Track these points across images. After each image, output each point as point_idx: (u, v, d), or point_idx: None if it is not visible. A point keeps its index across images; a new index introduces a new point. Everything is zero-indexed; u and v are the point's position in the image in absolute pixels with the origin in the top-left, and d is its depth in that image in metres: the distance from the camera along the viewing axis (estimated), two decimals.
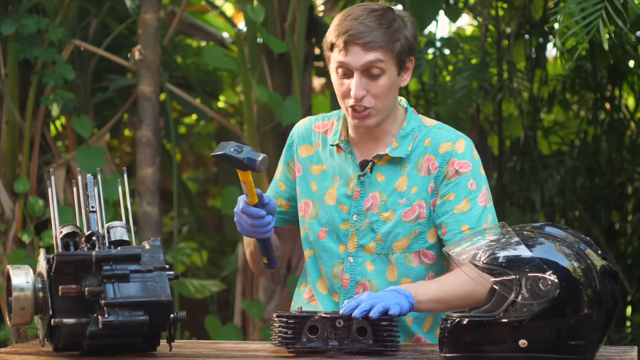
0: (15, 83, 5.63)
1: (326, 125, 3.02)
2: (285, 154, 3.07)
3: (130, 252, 2.55)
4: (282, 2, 5.88)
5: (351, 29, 2.81)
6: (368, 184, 2.93)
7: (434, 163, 2.92)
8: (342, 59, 2.84)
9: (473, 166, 2.92)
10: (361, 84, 2.83)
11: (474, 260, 2.49)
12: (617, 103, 6.31)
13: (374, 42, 2.81)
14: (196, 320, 6.97)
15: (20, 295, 2.58)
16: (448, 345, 2.50)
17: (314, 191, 2.99)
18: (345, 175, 2.96)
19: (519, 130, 6.16)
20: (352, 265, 2.94)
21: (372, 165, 2.93)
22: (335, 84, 2.90)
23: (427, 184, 2.91)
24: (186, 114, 7.50)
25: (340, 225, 2.95)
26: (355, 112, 2.87)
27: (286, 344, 2.65)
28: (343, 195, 2.95)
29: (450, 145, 2.92)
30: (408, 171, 2.92)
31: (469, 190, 2.89)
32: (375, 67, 2.83)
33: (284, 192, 3.07)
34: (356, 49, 2.82)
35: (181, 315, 2.61)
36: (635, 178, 6.34)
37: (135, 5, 6.09)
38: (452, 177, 2.90)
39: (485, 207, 2.90)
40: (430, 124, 2.98)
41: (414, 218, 2.90)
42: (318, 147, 3.01)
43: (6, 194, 5.64)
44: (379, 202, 2.92)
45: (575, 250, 2.48)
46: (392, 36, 2.83)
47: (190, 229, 7.30)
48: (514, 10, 6.01)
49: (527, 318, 2.42)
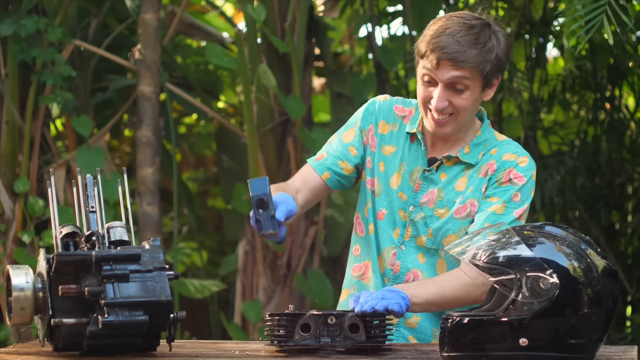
0: (15, 83, 5.64)
1: (405, 111, 3.05)
2: (362, 120, 3.07)
3: (130, 252, 2.55)
4: (282, 2, 5.88)
5: (446, 46, 2.84)
6: (430, 180, 2.98)
7: (493, 167, 2.96)
8: (430, 70, 2.88)
9: (527, 183, 2.95)
10: (444, 95, 2.88)
11: (474, 260, 2.49)
12: (617, 103, 6.31)
13: (465, 62, 2.84)
14: (196, 320, 6.97)
15: (20, 296, 2.57)
16: (449, 344, 2.50)
17: (381, 171, 3.03)
18: (411, 165, 3.00)
19: (519, 130, 6.16)
20: (404, 253, 2.99)
21: (439, 164, 2.98)
22: (418, 86, 2.94)
23: (482, 185, 2.96)
24: (186, 114, 7.50)
25: (398, 211, 2.99)
26: (433, 118, 2.92)
27: (279, 342, 2.66)
28: (405, 183, 3.00)
29: (515, 157, 2.97)
30: (470, 174, 2.97)
31: (512, 200, 2.93)
32: (461, 83, 2.87)
33: (354, 158, 3.06)
34: (446, 65, 2.85)
35: (181, 315, 2.61)
36: (635, 178, 6.34)
37: (135, 5, 6.09)
38: (503, 183, 2.94)
39: (516, 220, 2.94)
40: (502, 138, 3.04)
41: (465, 215, 2.95)
42: (394, 129, 3.05)
43: (6, 194, 5.65)
44: (436, 198, 2.97)
45: (576, 250, 2.48)
46: (485, 57, 2.86)
47: (190, 229, 7.30)
48: (514, 10, 6.01)
49: (528, 317, 2.42)
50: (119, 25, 6.12)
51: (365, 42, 6.56)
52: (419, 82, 2.93)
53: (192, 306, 6.80)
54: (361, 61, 6.91)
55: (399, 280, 2.98)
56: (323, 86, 7.57)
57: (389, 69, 6.01)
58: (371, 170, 3.04)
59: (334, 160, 3.05)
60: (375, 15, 6.15)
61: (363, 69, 6.84)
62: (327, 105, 7.09)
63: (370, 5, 6.11)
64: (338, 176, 3.05)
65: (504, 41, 2.91)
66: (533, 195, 2.99)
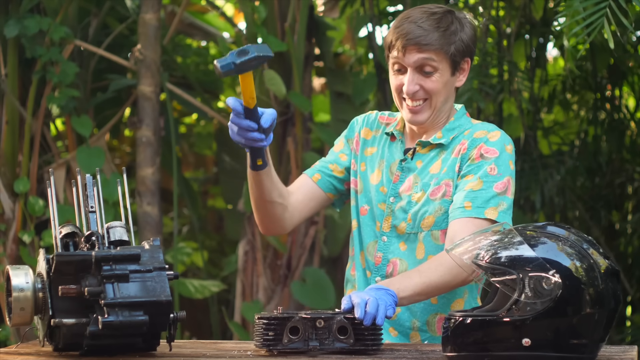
0: (16, 83, 5.64)
1: (390, 120, 3.17)
2: (349, 131, 3.19)
3: (129, 252, 2.55)
4: (282, 2, 5.88)
5: (409, 32, 2.95)
6: (407, 169, 3.05)
7: (465, 145, 3.00)
8: (398, 59, 2.98)
9: (500, 155, 2.97)
10: (414, 79, 2.97)
11: (476, 260, 2.49)
12: (617, 103, 6.31)
13: (429, 45, 2.94)
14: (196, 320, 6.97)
15: (20, 296, 2.57)
16: (451, 344, 2.50)
17: (362, 170, 3.12)
18: (390, 160, 3.09)
19: (519, 130, 6.16)
20: (386, 244, 3.03)
21: (413, 151, 3.06)
22: (391, 80, 3.04)
23: (455, 164, 2.99)
24: (186, 114, 7.50)
25: (378, 205, 3.05)
26: (408, 107, 3.00)
27: (267, 346, 2.66)
28: (385, 178, 3.07)
29: (485, 133, 3.01)
30: (444, 157, 3.02)
31: (487, 173, 2.94)
32: (428, 65, 2.96)
33: (343, 162, 3.16)
34: (412, 50, 2.95)
35: (181, 315, 2.61)
36: (635, 178, 6.34)
37: (135, 5, 6.09)
38: (475, 160, 2.97)
39: (499, 194, 2.93)
40: (476, 122, 3.09)
41: (440, 195, 2.98)
42: (377, 134, 3.16)
43: (6, 194, 5.65)
44: (412, 184, 3.02)
45: (578, 250, 2.48)
46: (448, 39, 2.96)
47: (191, 228, 7.30)
48: (514, 10, 6.01)
49: (530, 317, 2.42)
50: (119, 25, 6.12)
51: (366, 42, 6.56)
52: (391, 73, 3.04)
53: (192, 306, 6.80)
54: (361, 61, 6.91)
55: (380, 271, 3.02)
56: (323, 86, 7.57)
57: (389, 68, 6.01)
58: (355, 172, 3.14)
59: (325, 164, 3.18)
60: (376, 15, 6.15)
61: (363, 69, 6.84)
62: (327, 105, 7.10)
63: (371, 5, 6.11)
64: (329, 177, 3.14)
65: (469, 26, 3.01)
66: (514, 168, 2.99)
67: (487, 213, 2.90)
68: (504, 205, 2.93)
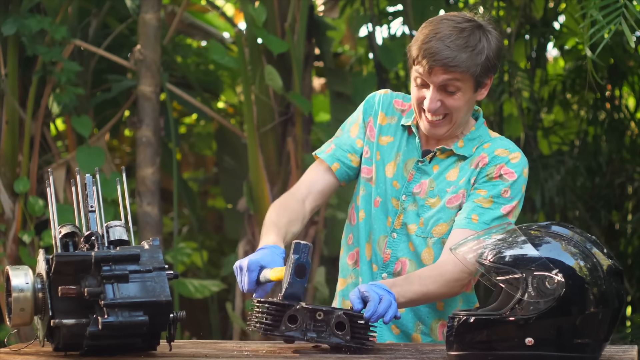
0: (16, 83, 5.63)
1: (405, 105, 3.11)
2: (364, 114, 3.13)
3: (129, 252, 2.55)
4: (282, 2, 5.87)
5: (437, 52, 2.88)
6: (423, 171, 3.03)
7: (485, 160, 2.99)
8: (421, 75, 2.93)
9: (517, 179, 2.97)
10: (436, 97, 2.93)
11: (480, 259, 2.50)
12: (617, 103, 6.31)
13: (456, 67, 2.88)
14: (196, 320, 6.97)
15: (19, 296, 2.57)
16: (455, 343, 2.50)
17: (377, 160, 3.08)
18: (406, 156, 3.06)
19: (519, 130, 6.16)
20: (395, 241, 3.02)
21: (432, 155, 3.03)
22: (412, 88, 3.00)
23: (472, 176, 2.99)
24: (186, 114, 7.50)
25: (391, 200, 3.03)
26: (427, 119, 2.97)
27: (264, 330, 2.65)
28: (399, 174, 3.05)
29: (507, 152, 2.99)
30: (462, 165, 3.01)
31: (500, 195, 2.96)
32: (452, 85, 2.92)
33: (359, 149, 3.13)
34: (437, 70, 2.90)
35: (181, 315, 2.61)
36: (635, 178, 6.34)
37: (136, 5, 6.09)
38: (494, 178, 2.96)
39: (505, 215, 2.95)
40: (495, 136, 3.07)
41: (457, 205, 2.98)
42: (392, 121, 3.11)
43: (6, 194, 5.64)
44: (427, 188, 3.00)
45: (581, 250, 2.48)
46: (475, 59, 2.90)
47: (191, 228, 7.30)
48: (514, 10, 6.01)
49: (534, 316, 2.43)
50: (119, 25, 6.11)
51: (366, 42, 6.56)
52: (412, 84, 2.99)
53: (192, 306, 6.79)
54: (361, 61, 6.91)
55: (388, 268, 3.02)
56: (323, 86, 7.56)
57: (389, 68, 6.01)
58: (368, 159, 3.10)
59: (344, 153, 3.12)
60: (376, 15, 6.14)
61: (363, 68, 6.84)
62: (327, 105, 7.09)
63: (371, 5, 6.11)
64: (347, 168, 3.12)
65: (495, 41, 2.97)
66: (524, 192, 3.00)
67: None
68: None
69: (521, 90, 5.87)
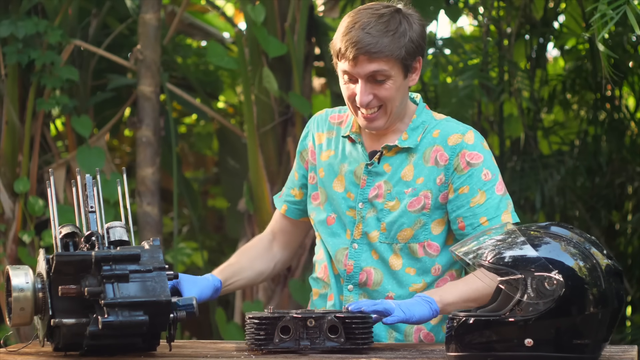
0: (15, 83, 5.63)
1: (342, 117, 3.08)
2: (300, 144, 3.14)
3: (129, 252, 2.55)
4: (282, 2, 5.87)
5: (359, 40, 2.83)
6: (375, 174, 2.97)
7: (443, 154, 2.94)
8: (348, 69, 2.88)
9: (485, 157, 2.94)
10: (366, 89, 2.88)
11: (480, 260, 2.50)
12: (617, 103, 6.31)
13: (379, 52, 2.84)
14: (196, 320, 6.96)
15: (20, 296, 2.57)
16: (454, 344, 2.51)
17: (321, 177, 3.05)
18: (353, 164, 3.00)
19: (519, 130, 6.15)
20: (357, 251, 2.98)
21: (380, 155, 2.97)
22: (342, 87, 2.95)
23: (434, 175, 2.94)
24: (186, 114, 7.49)
25: (346, 212, 2.99)
26: (363, 115, 2.92)
27: (259, 346, 2.65)
28: (351, 183, 2.99)
29: (460, 137, 2.95)
30: (415, 161, 2.95)
31: (483, 181, 2.92)
32: (380, 75, 2.87)
33: (297, 181, 3.13)
34: (362, 60, 2.85)
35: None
36: (635, 178, 6.33)
37: (135, 5, 6.09)
38: (464, 170, 2.92)
39: (502, 195, 2.93)
40: (439, 117, 3.02)
41: (419, 208, 2.93)
42: (331, 136, 3.07)
43: (6, 194, 5.64)
44: (384, 191, 2.95)
45: (581, 250, 2.48)
46: (398, 42, 2.85)
47: (192, 228, 7.30)
48: (514, 10, 6.01)
49: (533, 317, 2.43)
50: (119, 25, 6.11)
51: None
52: (341, 81, 2.94)
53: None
54: None
55: (352, 280, 2.98)
56: (323, 86, 7.56)
57: None
58: (314, 185, 3.07)
59: (287, 191, 3.15)
60: None
61: None
62: (327, 105, 7.09)
63: None
64: (294, 204, 3.13)
65: (418, 23, 2.91)
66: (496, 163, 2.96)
67: (503, 219, 2.91)
68: (510, 204, 2.95)
69: (521, 90, 5.87)
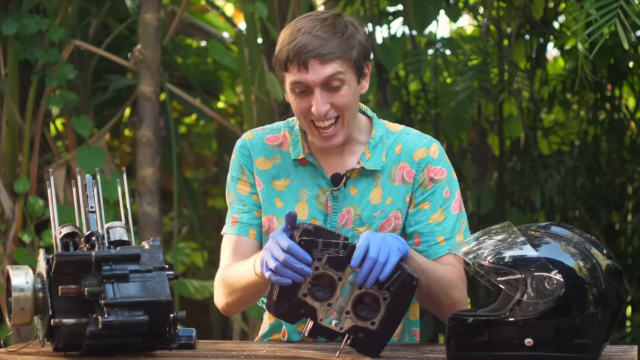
0: (16, 83, 5.63)
1: (278, 138, 2.89)
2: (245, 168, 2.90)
3: (129, 252, 2.55)
4: (282, 2, 5.88)
5: (307, 44, 2.66)
6: (342, 199, 2.82)
7: (410, 171, 2.84)
8: (299, 78, 2.70)
9: (447, 172, 2.85)
10: (323, 98, 2.70)
11: (479, 260, 2.49)
12: (617, 103, 6.31)
13: (331, 53, 2.67)
14: (196, 320, 6.97)
15: (19, 296, 2.57)
16: (454, 344, 2.50)
17: (279, 207, 2.85)
18: (314, 190, 2.83)
19: (519, 130, 6.15)
20: None
21: (345, 179, 2.82)
22: (292, 103, 2.75)
23: (402, 194, 2.83)
24: (186, 114, 7.50)
25: None
26: (319, 131, 2.74)
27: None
28: (315, 210, 2.83)
29: (425, 151, 2.84)
30: (382, 182, 2.83)
31: (444, 198, 2.83)
32: (335, 79, 2.69)
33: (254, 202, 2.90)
34: (314, 64, 2.67)
35: (181, 315, 2.61)
36: (635, 178, 6.34)
37: (135, 5, 6.09)
38: (427, 186, 2.83)
39: (458, 215, 2.86)
40: (396, 129, 2.89)
41: (390, 230, 2.83)
42: (277, 161, 2.88)
43: (6, 194, 5.64)
44: (353, 216, 2.82)
45: (581, 250, 2.48)
46: (348, 43, 2.70)
47: (192, 228, 7.30)
48: (514, 10, 6.01)
49: (533, 317, 2.43)
50: (119, 25, 6.11)
51: None
52: (291, 97, 2.73)
53: (192, 306, 6.79)
54: None
55: None
56: None
57: (389, 68, 6.01)
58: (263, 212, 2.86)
59: (250, 215, 2.89)
60: (376, 15, 6.14)
61: None
62: None
63: (371, 5, 6.11)
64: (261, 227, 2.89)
65: (361, 28, 2.74)
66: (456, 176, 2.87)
67: (457, 239, 2.83)
68: (464, 222, 2.87)
69: (521, 90, 5.87)
